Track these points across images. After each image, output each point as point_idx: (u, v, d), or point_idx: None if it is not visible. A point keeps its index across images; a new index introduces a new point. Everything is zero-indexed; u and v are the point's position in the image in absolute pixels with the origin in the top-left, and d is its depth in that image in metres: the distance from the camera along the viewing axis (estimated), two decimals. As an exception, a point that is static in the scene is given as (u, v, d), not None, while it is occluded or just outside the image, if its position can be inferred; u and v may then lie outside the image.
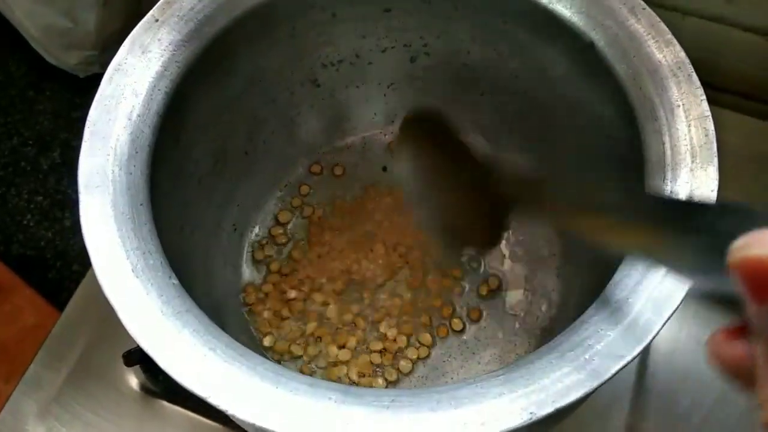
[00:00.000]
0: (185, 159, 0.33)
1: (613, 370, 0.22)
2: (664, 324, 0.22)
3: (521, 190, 0.28)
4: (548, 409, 0.22)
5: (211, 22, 0.30)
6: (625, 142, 0.30)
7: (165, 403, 0.39)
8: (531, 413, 0.22)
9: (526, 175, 0.34)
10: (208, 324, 0.24)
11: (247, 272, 0.39)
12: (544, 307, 0.37)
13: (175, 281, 0.25)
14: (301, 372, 0.36)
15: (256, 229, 0.40)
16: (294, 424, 0.21)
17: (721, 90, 0.51)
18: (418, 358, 0.37)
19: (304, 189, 0.41)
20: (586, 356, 0.23)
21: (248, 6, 0.31)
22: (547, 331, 0.37)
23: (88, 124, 0.27)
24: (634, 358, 0.22)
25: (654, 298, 0.23)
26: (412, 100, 0.40)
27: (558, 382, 0.22)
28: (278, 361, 0.37)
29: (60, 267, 0.59)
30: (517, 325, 0.37)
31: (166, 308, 0.24)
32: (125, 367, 0.39)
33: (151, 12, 0.29)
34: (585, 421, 0.38)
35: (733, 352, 0.14)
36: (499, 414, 0.22)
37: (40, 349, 0.41)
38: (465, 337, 0.37)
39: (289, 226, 0.40)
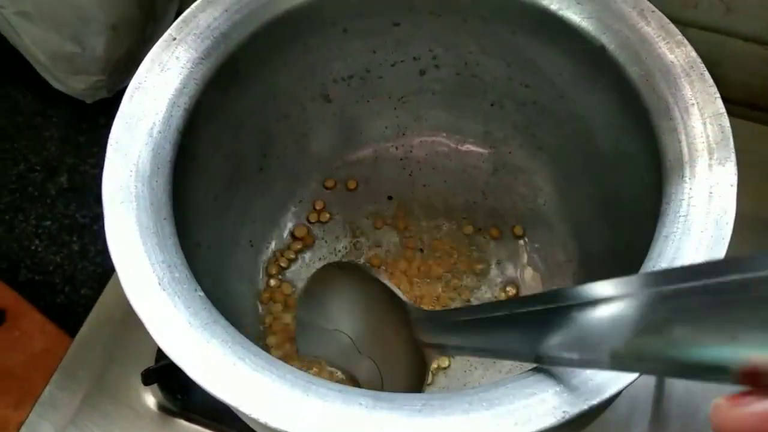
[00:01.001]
0: (201, 175, 0.33)
1: (644, 367, 0.22)
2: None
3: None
4: (582, 407, 0.22)
5: (227, 39, 0.30)
6: (639, 143, 0.31)
7: (183, 422, 0.39)
8: (564, 412, 0.21)
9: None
10: (235, 334, 0.24)
11: (264, 287, 0.39)
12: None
13: (201, 293, 0.25)
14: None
15: (272, 245, 0.40)
16: (326, 430, 0.21)
17: (724, 99, 0.51)
18: (439, 367, 0.37)
19: (319, 204, 0.41)
20: (616, 354, 0.23)
21: (262, 22, 0.31)
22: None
23: (110, 141, 0.27)
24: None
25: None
26: (422, 113, 0.41)
27: (589, 380, 0.22)
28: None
29: (68, 292, 0.59)
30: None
31: (194, 320, 0.24)
32: (142, 386, 0.39)
33: (168, 31, 0.29)
34: (606, 431, 0.38)
35: (741, 417, 0.13)
36: (531, 414, 0.22)
37: (56, 371, 0.41)
38: (484, 346, 0.37)
39: (305, 242, 0.40)
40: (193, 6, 0.30)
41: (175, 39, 0.29)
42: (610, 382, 0.22)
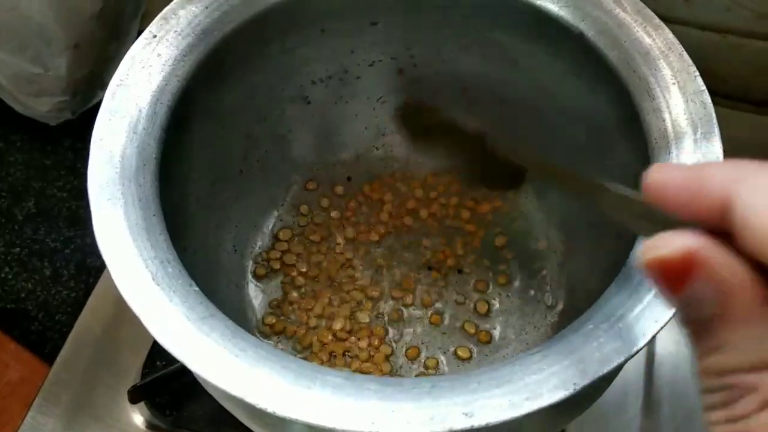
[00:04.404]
0: (184, 178, 0.33)
1: (650, 335, 0.22)
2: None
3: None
4: (590, 379, 0.22)
5: (208, 36, 0.30)
6: (621, 128, 0.31)
7: (172, 438, 0.38)
8: (574, 384, 0.21)
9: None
10: (235, 327, 0.24)
11: (251, 292, 0.38)
12: (551, 302, 0.38)
13: (196, 288, 0.24)
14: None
15: (257, 249, 0.39)
16: (337, 416, 0.21)
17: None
18: (436, 365, 0.36)
19: (304, 209, 0.41)
20: (620, 325, 0.23)
21: (242, 20, 0.31)
22: (557, 327, 0.37)
23: (93, 139, 0.26)
24: (669, 321, 0.22)
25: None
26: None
27: (596, 351, 0.22)
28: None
29: (42, 318, 0.57)
30: (527, 325, 0.37)
31: (191, 314, 0.23)
32: (129, 405, 0.38)
33: (148, 29, 0.29)
34: (601, 415, 0.38)
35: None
36: (542, 389, 0.21)
37: (37, 395, 0.40)
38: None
39: (290, 244, 0.40)
40: (172, 3, 0.29)
41: (155, 36, 0.29)
42: (613, 353, 0.22)
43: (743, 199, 0.13)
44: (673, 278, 0.13)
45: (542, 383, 0.22)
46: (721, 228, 0.13)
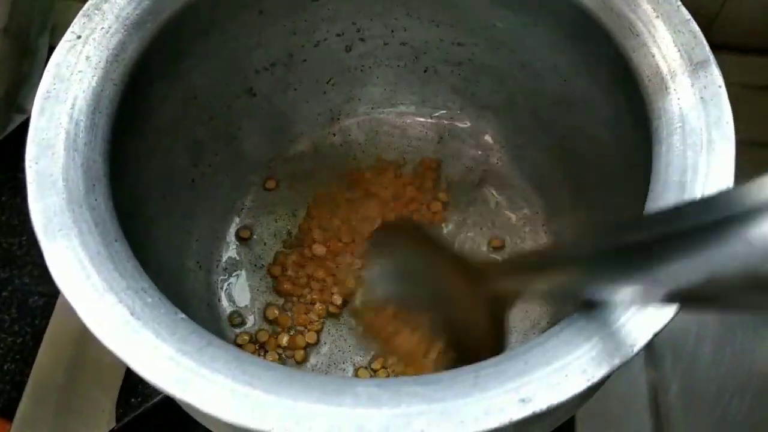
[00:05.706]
0: (132, 197, 0.29)
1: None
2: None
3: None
4: (648, 337, 0.20)
5: (140, 29, 0.26)
6: (597, 75, 0.30)
7: (162, 484, 0.34)
8: (632, 346, 0.20)
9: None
10: (238, 352, 0.20)
11: (225, 308, 0.35)
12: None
13: (183, 316, 0.21)
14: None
15: (223, 262, 0.36)
16: (379, 430, 0.18)
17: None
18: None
19: (267, 210, 0.37)
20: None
21: (174, 9, 0.28)
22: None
23: (28, 163, 0.22)
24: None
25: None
26: (354, 93, 0.38)
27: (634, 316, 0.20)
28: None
29: (-12, 370, 0.51)
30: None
31: (185, 346, 0.20)
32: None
33: (70, 29, 0.25)
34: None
35: None
36: (597, 358, 0.20)
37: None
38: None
39: (258, 251, 0.36)
40: (93, -3, 0.26)
41: (80, 37, 0.25)
42: (664, 312, 0.21)
43: None
44: None
45: (596, 353, 0.20)
46: None
